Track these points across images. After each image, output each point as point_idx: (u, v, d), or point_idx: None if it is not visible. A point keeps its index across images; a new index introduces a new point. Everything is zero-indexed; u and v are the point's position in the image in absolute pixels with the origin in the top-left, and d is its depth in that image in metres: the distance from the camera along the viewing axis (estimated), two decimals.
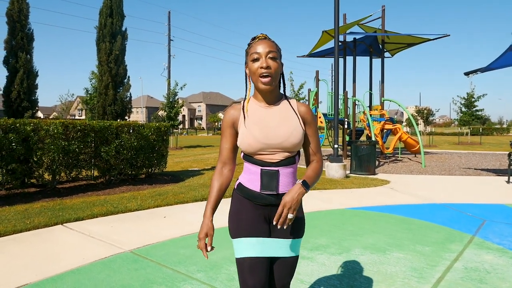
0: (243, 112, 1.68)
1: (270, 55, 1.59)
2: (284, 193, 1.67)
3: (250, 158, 1.67)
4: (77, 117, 69.12)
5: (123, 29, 13.39)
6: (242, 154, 1.71)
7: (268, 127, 1.64)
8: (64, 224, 4.64)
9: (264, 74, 1.58)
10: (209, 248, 1.65)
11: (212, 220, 1.67)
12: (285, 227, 1.57)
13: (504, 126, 67.36)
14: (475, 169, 11.03)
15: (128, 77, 13.52)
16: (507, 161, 11.30)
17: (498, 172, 10.29)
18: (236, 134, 1.71)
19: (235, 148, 1.75)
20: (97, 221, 4.85)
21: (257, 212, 1.68)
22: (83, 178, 7.88)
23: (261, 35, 1.68)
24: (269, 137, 1.63)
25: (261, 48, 1.60)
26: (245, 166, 1.71)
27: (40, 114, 76.44)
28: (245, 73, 1.72)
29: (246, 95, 1.73)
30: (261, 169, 1.64)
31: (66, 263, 3.38)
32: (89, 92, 18.29)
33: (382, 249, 3.84)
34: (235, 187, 1.75)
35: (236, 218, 1.69)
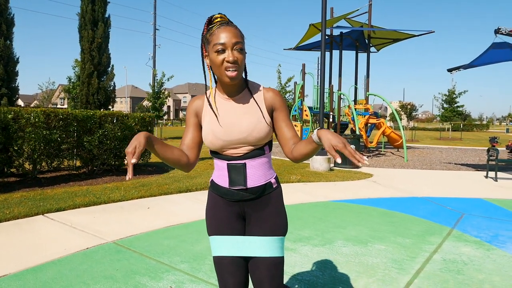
0: (210, 105, 1.57)
1: (236, 47, 1.43)
2: (257, 187, 1.56)
3: (217, 154, 1.58)
4: (59, 106, 67.69)
5: (106, 16, 13.10)
6: (209, 150, 1.62)
7: (230, 122, 1.53)
8: (45, 215, 4.56)
9: (231, 69, 1.43)
10: (134, 160, 1.28)
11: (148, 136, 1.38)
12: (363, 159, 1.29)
13: (484, 122, 69.02)
14: (455, 164, 11.28)
15: (112, 66, 13.27)
16: (486, 156, 11.61)
17: (477, 167, 10.56)
18: (200, 125, 1.62)
19: (195, 139, 1.62)
20: (79, 211, 4.78)
21: (230, 209, 1.60)
22: (65, 168, 7.75)
23: (219, 16, 1.51)
24: (230, 133, 1.52)
25: (226, 38, 1.42)
26: (214, 163, 1.63)
27: (20, 102, 74.55)
28: (203, 62, 1.56)
29: (207, 87, 1.60)
30: (227, 163, 1.55)
31: (47, 253, 3.33)
32: (72, 80, 17.91)
33: (364, 241, 3.91)
34: (210, 184, 1.68)
35: (210, 216, 1.62)
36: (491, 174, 8.73)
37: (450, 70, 9.94)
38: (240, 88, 1.57)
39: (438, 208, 5.46)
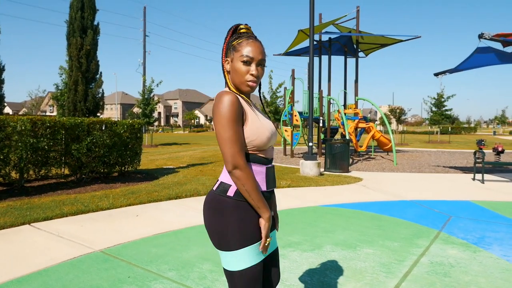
0: (248, 103, 1.62)
1: (261, 63, 1.59)
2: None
3: (255, 158, 1.56)
4: (48, 114, 67.02)
5: (95, 23, 13.04)
6: (246, 155, 1.56)
7: (267, 122, 1.64)
8: (31, 224, 4.50)
9: (252, 82, 1.57)
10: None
11: None
12: None
13: (472, 125, 69.98)
14: (443, 166, 11.41)
15: (100, 73, 13.18)
16: (473, 159, 11.74)
17: (464, 169, 10.69)
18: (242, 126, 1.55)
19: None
20: (67, 220, 4.73)
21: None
22: (53, 176, 7.66)
23: (246, 27, 1.64)
24: (274, 131, 1.63)
25: (255, 53, 1.56)
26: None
27: (8, 110, 73.56)
28: (224, 66, 1.64)
29: (228, 87, 1.64)
30: (266, 167, 1.60)
31: (33, 264, 3.29)
32: (60, 88, 17.77)
33: (352, 246, 3.93)
34: (232, 194, 1.54)
35: (240, 227, 1.52)
36: (478, 176, 8.85)
37: (436, 74, 10.09)
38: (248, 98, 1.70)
39: (426, 211, 5.51)
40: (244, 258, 1.53)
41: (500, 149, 12.09)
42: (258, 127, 1.55)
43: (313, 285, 2.94)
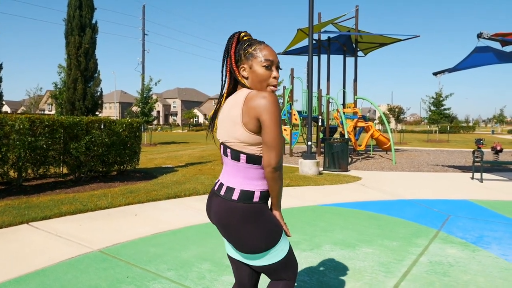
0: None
1: (279, 66, 1.70)
2: None
3: (260, 161, 1.65)
4: (46, 112, 66.91)
5: (93, 21, 12.98)
6: (245, 157, 1.63)
7: None
8: (30, 223, 4.49)
9: (275, 84, 1.68)
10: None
11: None
12: None
13: (470, 124, 70.10)
14: (442, 166, 11.43)
15: (99, 71, 13.12)
16: (471, 158, 11.77)
17: (463, 168, 10.71)
18: None
19: None
20: (65, 219, 4.72)
21: None
22: (52, 175, 7.64)
23: (247, 34, 1.75)
24: None
25: (273, 57, 1.67)
26: (258, 173, 1.65)
27: (6, 108, 73.39)
28: (238, 73, 1.70)
29: (223, 91, 1.76)
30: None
31: (31, 263, 3.27)
32: (58, 86, 17.71)
33: (351, 245, 3.93)
34: (257, 200, 1.63)
35: (273, 221, 1.67)
36: (477, 175, 8.86)
37: (435, 74, 10.09)
38: None
39: (424, 210, 5.51)
40: (285, 242, 1.72)
41: (498, 148, 12.10)
42: None
43: (312, 285, 2.94)
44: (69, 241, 3.90)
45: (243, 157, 1.62)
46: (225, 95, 1.76)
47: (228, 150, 1.66)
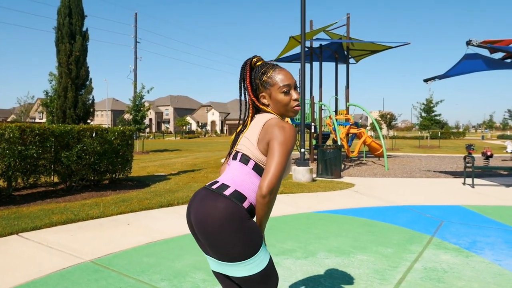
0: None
1: (296, 86, 1.73)
2: None
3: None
4: (37, 120, 66.28)
5: (84, 29, 12.93)
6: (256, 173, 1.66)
7: None
8: (19, 234, 4.41)
9: (297, 106, 1.73)
10: None
11: None
12: None
13: (461, 130, 70.92)
14: (434, 171, 11.51)
15: (90, 79, 13.06)
16: (463, 163, 11.88)
17: (454, 174, 10.79)
18: None
19: None
20: (56, 229, 4.64)
21: None
22: (42, 184, 7.54)
23: (259, 58, 1.77)
24: None
25: (289, 80, 1.70)
26: (256, 185, 1.65)
27: None
28: (254, 98, 1.75)
29: (246, 116, 1.79)
30: None
31: (20, 275, 3.21)
32: (49, 94, 17.58)
33: (346, 252, 3.92)
34: (246, 207, 1.62)
35: (256, 229, 1.62)
36: (468, 181, 8.93)
37: (426, 80, 10.20)
38: None
39: (418, 216, 5.53)
40: (266, 252, 1.65)
41: (489, 153, 12.24)
42: (290, 159, 1.65)
43: None
44: (60, 251, 3.83)
45: (252, 162, 1.65)
46: (248, 121, 1.77)
47: (239, 154, 1.69)
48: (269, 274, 1.65)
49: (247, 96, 1.77)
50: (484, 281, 3.17)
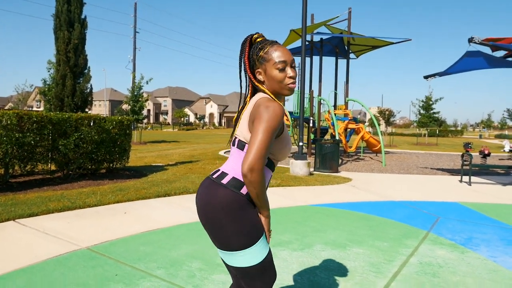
0: (286, 117, 1.68)
1: (293, 64, 1.67)
2: None
3: (271, 163, 1.68)
4: (35, 109, 65.96)
5: (83, 17, 12.80)
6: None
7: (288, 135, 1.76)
8: (16, 220, 4.40)
9: (292, 84, 1.66)
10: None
11: None
12: None
13: (459, 128, 71.05)
14: (431, 168, 11.54)
15: (89, 67, 12.95)
16: (460, 161, 11.94)
17: (452, 171, 10.83)
18: None
19: None
20: (53, 217, 4.63)
21: None
22: (39, 172, 7.51)
23: (261, 35, 1.72)
24: (291, 141, 1.77)
25: (286, 56, 1.64)
26: None
27: None
28: (250, 74, 1.71)
29: (246, 96, 1.75)
30: (271, 172, 1.72)
31: (17, 261, 3.20)
32: (47, 83, 17.44)
33: (342, 245, 3.93)
34: (244, 193, 1.60)
35: (255, 220, 1.61)
36: (465, 178, 8.96)
37: (426, 77, 10.18)
38: None
39: (414, 212, 5.55)
40: (265, 245, 1.64)
41: (486, 152, 12.28)
42: (287, 139, 1.69)
43: (303, 285, 2.92)
44: (57, 238, 3.83)
45: (247, 146, 1.63)
46: (248, 99, 1.73)
47: (236, 140, 1.68)
48: (266, 269, 1.64)
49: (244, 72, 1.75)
50: (479, 277, 3.19)
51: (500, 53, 8.61)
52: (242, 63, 1.73)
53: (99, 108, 76.68)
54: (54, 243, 3.67)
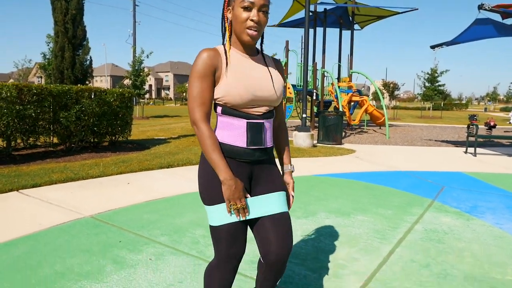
0: (226, 58, 1.49)
1: (263, 9, 1.47)
2: (270, 147, 1.59)
3: (234, 111, 1.49)
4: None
5: None
6: (220, 108, 1.51)
7: (255, 78, 1.52)
8: (20, 191, 4.40)
9: (253, 29, 1.46)
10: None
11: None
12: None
13: (463, 102, 70.33)
14: (435, 140, 11.45)
15: (87, 39, 12.71)
16: (465, 133, 11.80)
17: (456, 143, 10.74)
18: (213, 83, 1.49)
19: (212, 100, 1.51)
20: (56, 187, 4.63)
21: (239, 171, 1.52)
22: (42, 145, 7.49)
23: None
24: (261, 88, 1.51)
25: None
26: (223, 121, 1.51)
27: None
28: (224, 15, 1.54)
29: (224, 41, 1.56)
30: (246, 122, 1.50)
31: (21, 229, 3.20)
32: (47, 57, 17.22)
33: (346, 213, 3.91)
34: None
35: (213, 181, 1.49)
36: (470, 149, 8.88)
37: (433, 47, 9.94)
38: (255, 51, 1.61)
39: (419, 181, 5.51)
40: (214, 215, 1.52)
41: (492, 123, 12.14)
42: (229, 84, 1.46)
43: (308, 250, 2.91)
44: (60, 207, 3.82)
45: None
46: (228, 45, 1.56)
47: None
48: (220, 239, 1.52)
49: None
50: (485, 243, 3.17)
51: (510, 21, 8.35)
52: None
53: (101, 84, 76.27)
54: (57, 212, 3.67)
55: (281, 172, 1.71)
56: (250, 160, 1.54)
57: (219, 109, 1.53)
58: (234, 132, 1.51)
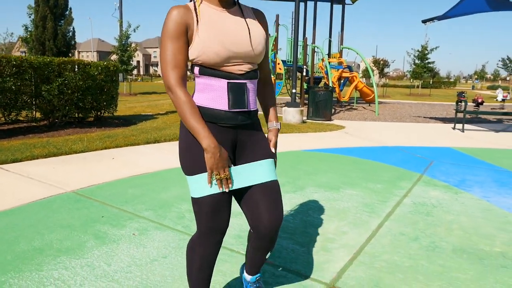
0: (196, 14, 1.33)
1: None
2: (254, 110, 1.47)
3: (212, 72, 1.36)
4: None
5: None
6: (198, 69, 1.37)
7: (232, 33, 1.36)
8: None
9: None
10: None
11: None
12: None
13: (452, 80, 70.67)
14: (424, 117, 11.47)
15: (70, 9, 12.22)
16: (453, 110, 11.79)
17: (445, 120, 10.77)
18: (186, 43, 1.34)
19: (186, 60, 1.36)
20: (38, 162, 4.48)
21: (222, 137, 1.40)
22: (24, 120, 7.26)
23: None
24: (240, 43, 1.36)
25: None
26: (202, 83, 1.39)
27: None
28: None
29: None
30: (227, 82, 1.37)
31: None
32: (29, 29, 16.57)
33: (335, 187, 3.87)
34: None
35: (193, 150, 1.38)
36: (459, 126, 8.91)
37: (424, 21, 9.80)
38: (231, 3, 1.43)
39: (408, 156, 5.49)
40: (195, 186, 1.40)
41: (480, 100, 12.18)
42: (203, 41, 1.31)
43: (296, 224, 2.86)
44: (41, 182, 3.70)
45: None
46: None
47: None
48: (201, 211, 1.42)
49: None
50: (473, 216, 3.16)
51: None
52: None
53: (87, 59, 74.48)
54: (38, 187, 3.54)
55: (265, 137, 1.58)
56: (232, 124, 1.41)
57: (196, 69, 1.38)
58: (214, 94, 1.38)
